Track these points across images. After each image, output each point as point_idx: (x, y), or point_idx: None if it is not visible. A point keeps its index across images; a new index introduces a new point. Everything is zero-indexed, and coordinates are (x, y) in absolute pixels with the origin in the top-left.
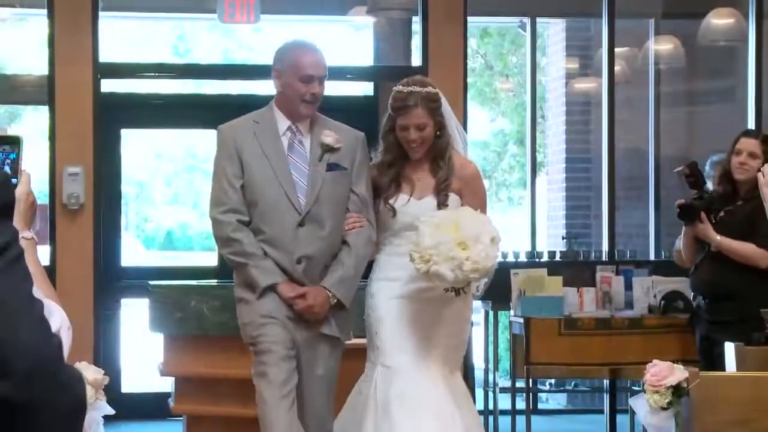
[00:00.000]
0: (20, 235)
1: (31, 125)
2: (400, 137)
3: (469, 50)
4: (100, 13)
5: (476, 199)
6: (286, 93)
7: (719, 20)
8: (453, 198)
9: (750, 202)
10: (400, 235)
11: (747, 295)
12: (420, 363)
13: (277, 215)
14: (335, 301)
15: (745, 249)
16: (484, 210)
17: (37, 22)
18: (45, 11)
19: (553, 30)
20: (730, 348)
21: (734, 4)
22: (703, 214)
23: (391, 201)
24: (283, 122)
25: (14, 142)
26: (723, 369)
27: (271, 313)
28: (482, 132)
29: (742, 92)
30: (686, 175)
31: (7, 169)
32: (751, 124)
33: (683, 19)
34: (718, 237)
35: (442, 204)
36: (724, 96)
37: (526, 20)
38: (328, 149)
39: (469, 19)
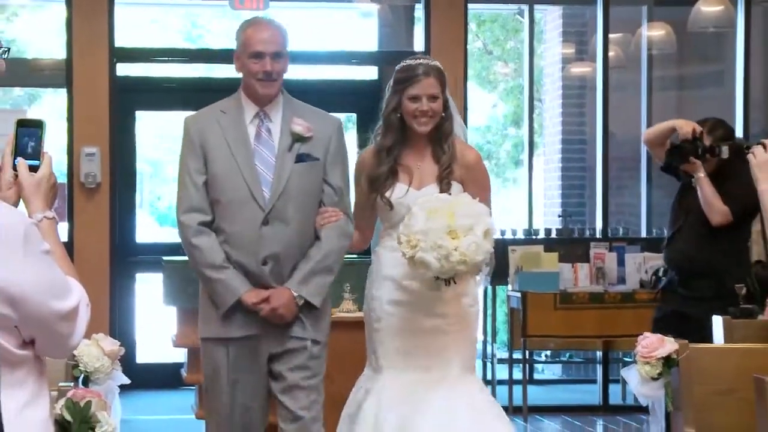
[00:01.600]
0: (42, 215)
1: (49, 107)
2: (409, 111)
3: (468, 36)
4: (116, 1)
5: (479, 189)
6: (243, 75)
7: (709, 7)
8: (456, 187)
9: (716, 179)
10: (398, 228)
11: (723, 270)
12: (432, 382)
13: (239, 212)
14: (302, 301)
15: (712, 197)
16: (487, 199)
17: (56, 8)
18: None
19: (550, 16)
20: (717, 321)
21: None
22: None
23: (387, 194)
24: (250, 109)
25: (38, 126)
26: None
27: (234, 334)
28: (482, 114)
29: (730, 77)
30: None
31: (30, 151)
32: (740, 108)
33: (675, 6)
34: (702, 174)
35: (444, 192)
36: (714, 81)
37: (524, 7)
38: (298, 138)
39: (469, 5)
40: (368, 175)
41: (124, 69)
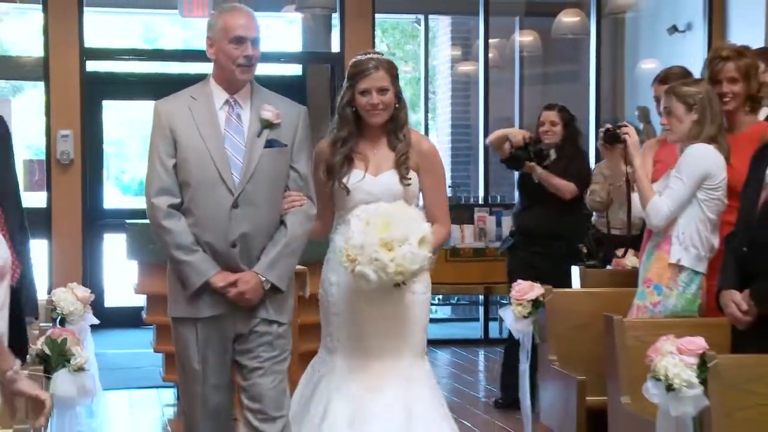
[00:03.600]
0: None
1: (30, 97)
2: (361, 104)
3: (376, 40)
4: (85, 8)
5: (434, 177)
6: (219, 60)
7: (568, 18)
8: (411, 175)
9: (561, 160)
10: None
11: (571, 233)
12: (384, 369)
13: (209, 196)
14: (269, 285)
15: (557, 181)
16: (442, 187)
17: (34, 14)
18: (40, 6)
19: (442, 24)
20: (575, 271)
21: (580, 5)
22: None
23: (344, 180)
24: (220, 96)
25: None
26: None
27: (202, 314)
28: None
29: (585, 75)
30: (532, 141)
31: None
32: (592, 100)
33: (541, 17)
34: (540, 169)
35: (404, 177)
36: (572, 78)
37: (421, 17)
38: (267, 125)
39: (376, 15)
40: (326, 164)
41: (92, 66)
